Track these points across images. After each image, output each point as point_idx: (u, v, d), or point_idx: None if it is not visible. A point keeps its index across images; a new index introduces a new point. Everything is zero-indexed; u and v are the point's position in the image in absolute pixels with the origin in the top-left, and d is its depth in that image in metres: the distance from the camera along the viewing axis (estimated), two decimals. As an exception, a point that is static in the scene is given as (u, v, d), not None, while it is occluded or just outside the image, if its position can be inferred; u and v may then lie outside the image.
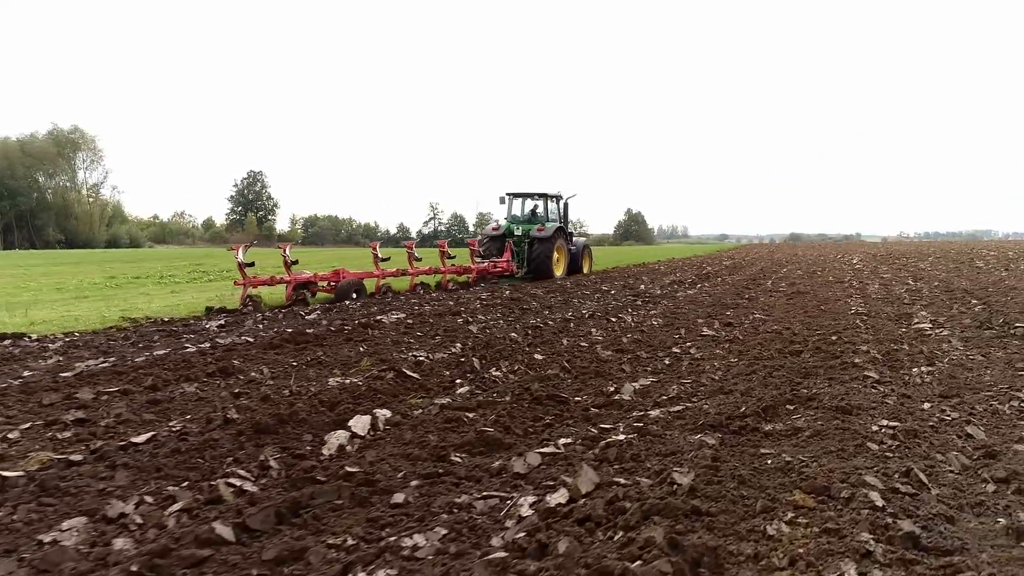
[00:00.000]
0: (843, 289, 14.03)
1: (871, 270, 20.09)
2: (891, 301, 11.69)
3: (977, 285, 14.17)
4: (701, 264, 27.62)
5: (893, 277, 17.06)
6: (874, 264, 23.34)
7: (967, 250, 35.58)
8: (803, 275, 18.88)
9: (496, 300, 12.96)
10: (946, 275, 17.36)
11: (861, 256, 31.43)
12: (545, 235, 18.81)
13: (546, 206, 20.49)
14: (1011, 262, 21.34)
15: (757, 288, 15.17)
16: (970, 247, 43.30)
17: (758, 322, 9.64)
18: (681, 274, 20.67)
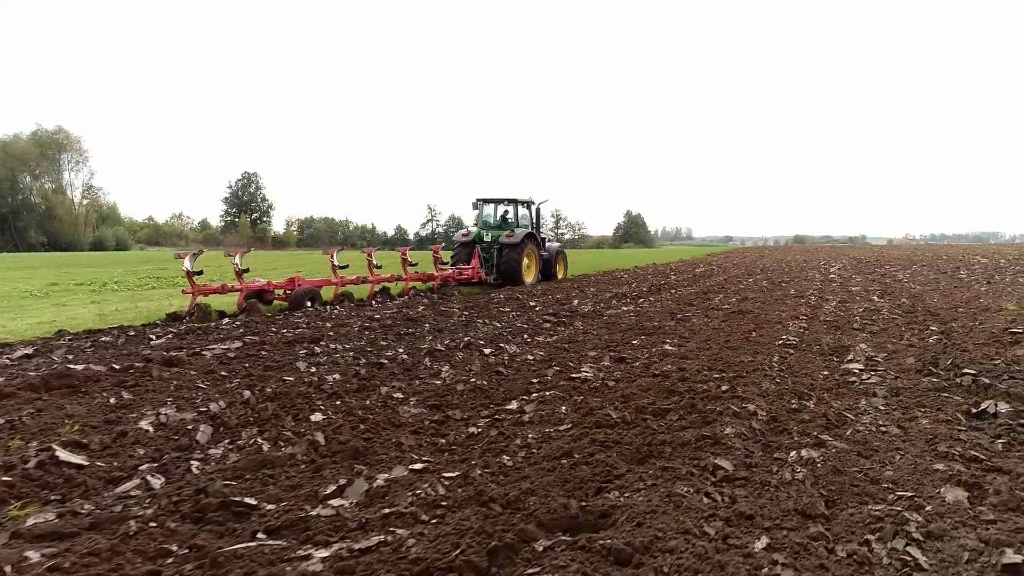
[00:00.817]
0: (794, 308, 12.16)
1: (843, 281, 18.20)
2: (838, 326, 9.83)
3: (948, 303, 12.30)
4: (672, 272, 25.74)
5: (861, 291, 15.18)
6: (851, 274, 21.40)
7: (960, 255, 33.55)
8: (766, 287, 17.01)
9: (392, 319, 11.17)
10: (921, 288, 15.47)
11: (845, 263, 29.51)
12: (513, 241, 18.40)
13: (516, 212, 20.01)
14: (998, 271, 19.39)
15: (702, 304, 13.32)
16: (965, 252, 41.23)
17: (660, 355, 7.82)
18: (638, 284, 18.83)
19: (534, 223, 20.32)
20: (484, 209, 20.34)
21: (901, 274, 20.52)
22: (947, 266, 23.40)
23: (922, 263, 27.03)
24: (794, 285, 17.31)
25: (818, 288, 16.10)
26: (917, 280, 17.82)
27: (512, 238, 18.53)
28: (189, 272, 11.98)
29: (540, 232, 20.79)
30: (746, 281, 19.21)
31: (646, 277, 22.04)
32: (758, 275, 22.00)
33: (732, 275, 22.33)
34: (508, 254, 18.50)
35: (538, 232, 20.47)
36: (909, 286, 16.11)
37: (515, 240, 18.50)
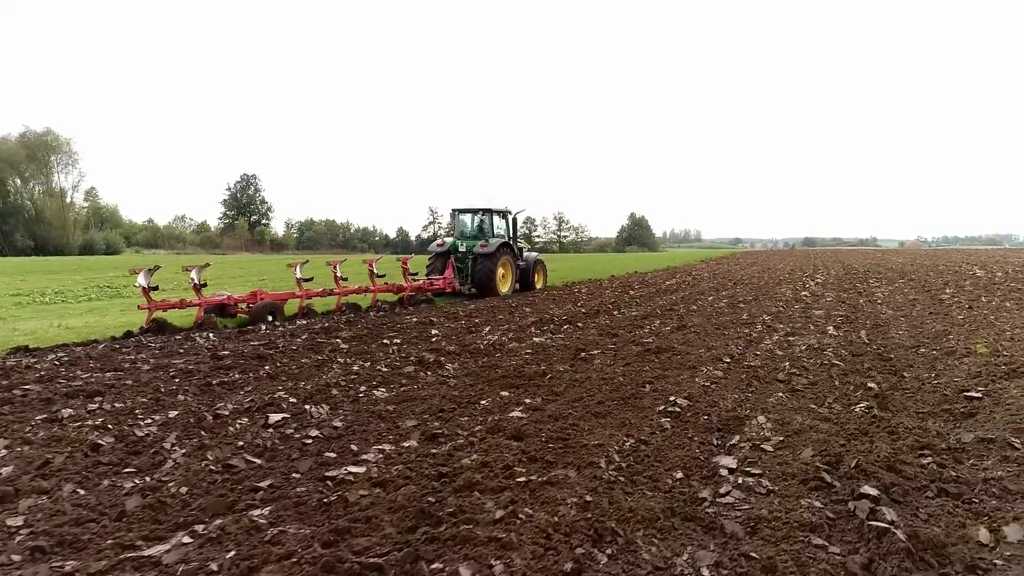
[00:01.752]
0: (727, 343, 10.11)
1: (810, 302, 16.08)
2: (758, 377, 7.81)
3: (912, 338, 10.23)
4: (638, 284, 23.65)
5: (822, 316, 13.07)
6: (827, 290, 19.23)
7: (959, 265, 31.16)
8: (721, 308, 14.94)
9: (244, 353, 9.26)
10: (891, 314, 13.34)
11: (832, 274, 27.28)
12: (487, 251, 18.20)
13: (491, 221, 19.70)
14: (988, 289, 17.17)
15: (628, 335, 11.30)
16: (966, 260, 38.75)
17: (493, 428, 5.83)
18: (589, 301, 16.82)
19: (511, 233, 19.99)
20: (460, 219, 20.08)
21: (882, 291, 18.34)
22: (936, 281, 21.13)
23: (913, 275, 24.76)
24: (754, 306, 15.22)
25: (777, 312, 14.01)
26: (893, 301, 15.67)
27: (486, 248, 18.23)
28: (145, 288, 11.73)
29: (517, 242, 20.42)
30: (706, 299, 17.13)
31: (604, 292, 19.99)
32: (726, 290, 19.88)
33: (697, 290, 20.22)
34: (482, 264, 18.21)
35: (515, 242, 20.06)
36: (880, 310, 13.98)
37: (489, 250, 18.20)
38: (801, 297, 16.98)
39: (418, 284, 16.92)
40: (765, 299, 16.76)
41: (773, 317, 13.16)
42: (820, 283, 22.08)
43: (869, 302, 15.59)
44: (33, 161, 63.98)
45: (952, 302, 14.56)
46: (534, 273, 20.74)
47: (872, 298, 16.47)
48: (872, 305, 14.91)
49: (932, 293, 16.89)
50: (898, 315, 13.12)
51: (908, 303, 15.07)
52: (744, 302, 16.21)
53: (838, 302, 15.30)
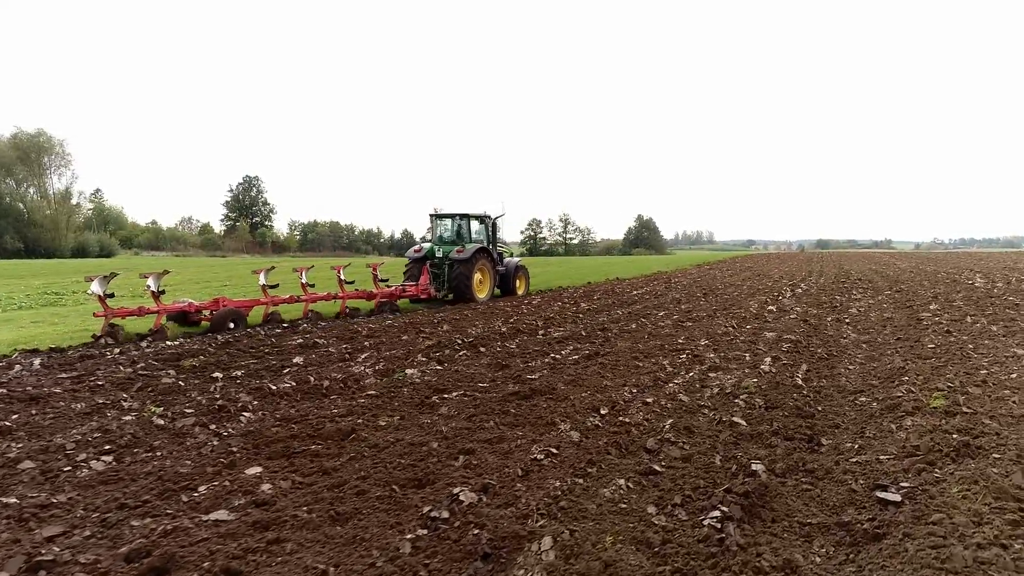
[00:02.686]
0: (628, 380, 8.03)
1: (775, 316, 13.87)
2: (624, 442, 5.72)
3: (856, 379, 8.08)
4: (613, 291, 21.49)
5: (773, 340, 10.89)
6: (798, 303, 16.96)
7: (959, 272, 28.59)
8: (667, 326, 12.83)
9: None
10: (854, 338, 11.16)
11: (816, 284, 24.94)
12: (463, 257, 17.85)
13: (469, 227, 19.34)
14: (980, 304, 14.83)
15: (534, 360, 9.25)
16: (971, 266, 36.08)
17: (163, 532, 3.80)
18: (542, 313, 14.77)
19: (490, 238, 19.66)
20: (438, 224, 19.57)
21: (859, 306, 16.05)
22: (926, 293, 18.74)
23: (906, 284, 22.34)
24: (703, 325, 13.08)
25: (723, 333, 11.87)
26: (864, 320, 13.41)
27: (462, 254, 17.87)
28: (101, 295, 11.49)
29: (497, 247, 20.04)
30: (656, 315, 14.99)
31: (555, 303, 17.88)
32: (689, 303, 17.67)
33: (657, 303, 18.04)
34: (458, 270, 17.81)
35: (494, 247, 19.70)
36: (842, 332, 11.78)
37: (465, 256, 17.84)
38: (764, 313, 14.77)
39: (389, 291, 16.40)
40: (723, 315, 14.58)
41: (713, 341, 11.01)
42: (799, 294, 19.79)
43: (837, 321, 13.36)
44: (24, 163, 62.87)
45: (931, 323, 12.29)
46: (515, 279, 20.32)
47: (843, 315, 14.23)
48: (838, 326, 12.69)
49: (914, 309, 14.59)
50: (860, 340, 10.91)
51: (880, 323, 12.81)
52: (696, 319, 14.06)
53: (801, 320, 13.08)
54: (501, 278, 19.81)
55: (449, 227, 19.54)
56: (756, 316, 14.20)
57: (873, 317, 13.73)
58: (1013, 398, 6.54)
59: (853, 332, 11.83)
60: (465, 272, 17.87)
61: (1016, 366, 8.19)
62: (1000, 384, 7.28)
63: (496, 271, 19.42)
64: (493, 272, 19.19)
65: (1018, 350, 9.16)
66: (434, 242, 19.26)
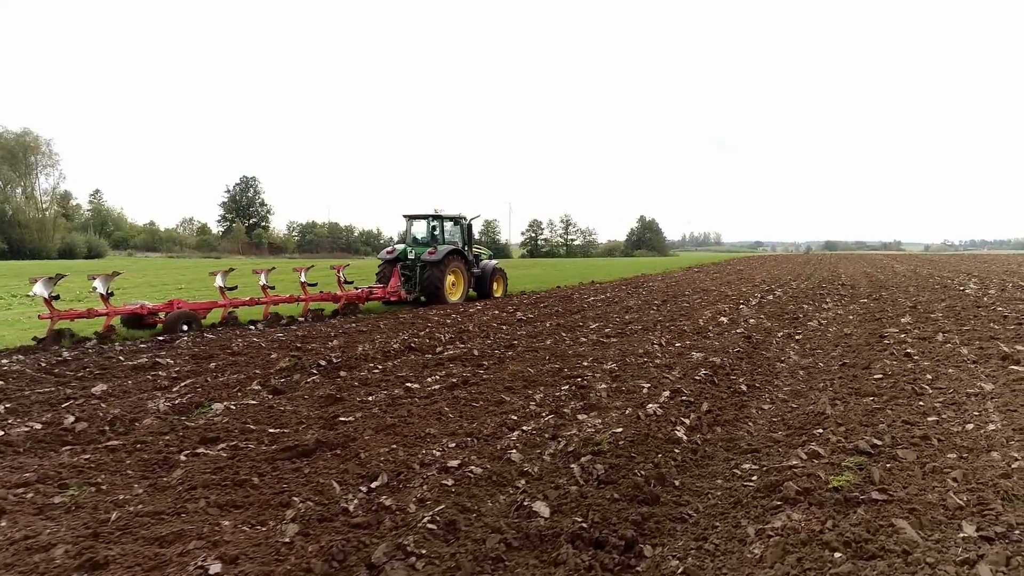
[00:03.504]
0: (468, 434, 6.03)
1: (719, 331, 11.82)
2: (330, 557, 3.73)
3: (755, 430, 6.08)
4: (569, 297, 19.47)
5: (694, 365, 8.84)
6: (758, 313, 14.86)
7: (954, 276, 26.29)
8: (584, 343, 10.84)
9: None
10: (793, 362, 9.12)
11: (787, 291, 22.79)
12: (435, 259, 17.45)
13: (442, 228, 18.97)
14: (960, 317, 12.68)
15: (353, 399, 7.27)
16: (969, 269, 33.73)
17: None
18: (477, 320, 12.81)
19: (465, 240, 19.23)
20: (411, 225, 19.18)
21: (823, 317, 13.93)
22: (907, 301, 16.55)
23: (891, 289, 20.15)
24: (630, 342, 11.08)
25: (638, 355, 9.84)
26: (819, 337, 11.32)
27: (434, 255, 17.47)
28: (47, 297, 11.21)
29: (472, 249, 19.59)
30: (590, 326, 12.99)
31: (506, 309, 15.89)
32: (641, 311, 15.61)
33: (609, 311, 15.98)
34: (430, 272, 17.40)
35: (469, 249, 19.26)
36: (782, 355, 9.71)
37: (436, 257, 17.44)
38: (710, 326, 12.70)
39: (355, 293, 16.04)
40: (661, 329, 12.54)
41: (620, 366, 9.00)
42: (768, 301, 17.67)
43: (787, 337, 11.29)
44: (9, 162, 61.47)
45: (894, 342, 10.19)
46: (492, 281, 19.90)
47: (798, 330, 12.15)
48: (784, 344, 10.63)
49: (882, 323, 12.48)
50: (799, 366, 8.86)
51: (834, 341, 10.72)
52: (627, 334, 12.05)
53: (744, 338, 10.99)
54: (477, 280, 19.44)
55: (423, 228, 19.08)
56: (698, 330, 12.15)
57: (831, 333, 11.64)
58: (954, 473, 4.50)
59: (796, 354, 9.77)
60: (437, 274, 17.41)
61: (976, 409, 6.14)
62: (945, 443, 5.25)
63: (471, 273, 19.00)
64: (467, 274, 18.74)
65: (986, 384, 7.09)
66: (408, 243, 18.82)
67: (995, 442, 5.19)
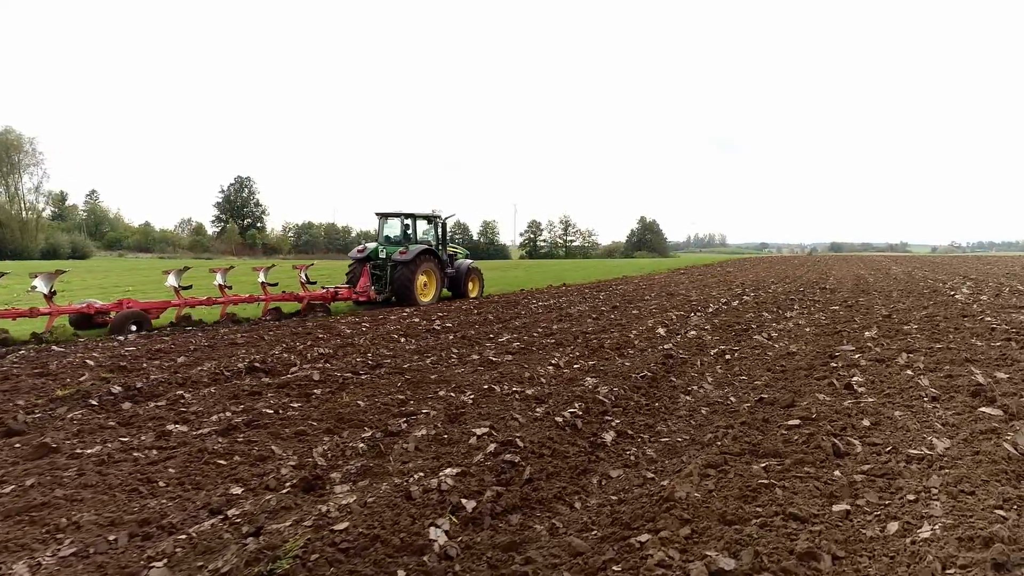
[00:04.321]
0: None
1: (635, 352, 9.67)
2: None
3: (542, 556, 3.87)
4: (515, 303, 17.36)
5: (576, 394, 6.69)
6: (708, 323, 12.67)
7: (947, 279, 23.93)
8: (454, 372, 8.70)
9: None
10: (704, 392, 6.97)
11: (758, 296, 20.57)
12: (406, 258, 16.85)
13: (414, 227, 18.35)
14: (938, 330, 10.44)
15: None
16: (967, 272, 31.31)
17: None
18: (381, 329, 10.77)
19: (439, 239, 18.63)
20: (384, 224, 18.45)
21: (774, 330, 11.73)
22: (883, 308, 14.28)
23: (873, 293, 17.88)
24: (519, 363, 8.99)
25: (525, 382, 7.71)
26: (750, 360, 9.12)
27: (405, 255, 16.87)
28: None
29: (446, 248, 18.97)
30: (501, 339, 10.89)
31: (433, 316, 13.80)
32: (582, 319, 13.44)
33: (547, 318, 13.84)
34: (400, 271, 16.79)
35: (443, 248, 18.67)
36: (690, 386, 7.54)
37: (408, 257, 16.82)
38: (636, 341, 10.55)
39: (319, 293, 15.47)
40: (576, 344, 10.41)
41: (478, 398, 6.88)
42: (726, 309, 15.46)
43: (717, 357, 9.11)
44: (-11, 160, 59.86)
45: (842, 364, 7.99)
46: (467, 281, 19.29)
47: (736, 347, 9.97)
48: (706, 369, 8.45)
49: (841, 337, 10.27)
50: (702, 403, 6.69)
51: (770, 363, 8.53)
52: (533, 351, 9.96)
53: (665, 357, 8.81)
54: (451, 280, 18.93)
55: (395, 227, 18.34)
56: (620, 346, 10.00)
57: (773, 351, 9.43)
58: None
59: (713, 381, 7.60)
60: (407, 274, 16.77)
61: (914, 489, 3.99)
62: (841, 567, 3.10)
63: (444, 273, 18.35)
64: (440, 274, 18.05)
65: (939, 439, 4.91)
66: (380, 242, 18.21)
67: (925, 569, 3.03)
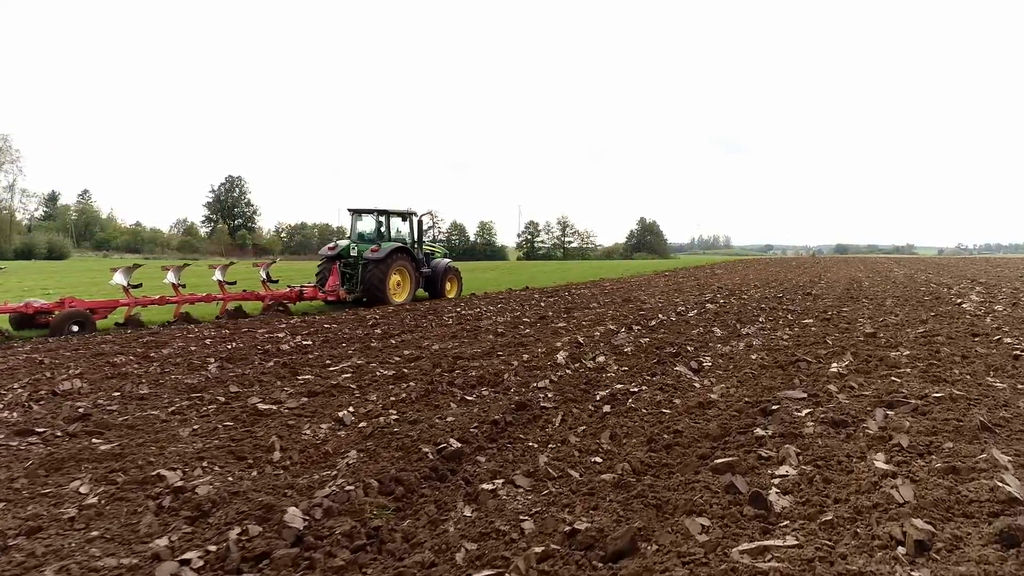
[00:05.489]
0: None
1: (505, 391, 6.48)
2: None
3: None
4: (431, 312, 14.25)
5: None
6: (631, 344, 9.46)
7: (955, 284, 20.58)
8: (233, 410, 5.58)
9: None
10: (627, 450, 3.75)
11: (740, 298, 17.32)
12: (377, 256, 16.05)
13: (388, 224, 17.58)
14: (935, 359, 7.20)
15: None
16: (976, 275, 27.85)
17: None
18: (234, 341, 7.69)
19: (414, 237, 17.94)
20: (357, 221, 17.72)
21: (725, 350, 8.51)
22: (869, 324, 11.03)
23: (866, 301, 14.64)
24: (329, 405, 5.79)
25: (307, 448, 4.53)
26: (653, 414, 5.90)
27: (377, 253, 16.17)
28: None
29: (423, 247, 18.19)
30: (349, 356, 7.73)
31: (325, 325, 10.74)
32: (479, 337, 10.31)
33: (415, 339, 10.70)
34: (372, 270, 16.09)
35: (419, 247, 17.95)
36: (500, 473, 4.36)
37: (379, 255, 16.14)
38: (508, 374, 7.38)
39: (282, 292, 14.93)
40: (415, 379, 7.25)
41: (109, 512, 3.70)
42: (672, 322, 12.26)
43: (591, 412, 5.93)
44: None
45: (778, 427, 4.78)
46: (444, 281, 18.50)
47: (649, 381, 6.77)
48: (552, 439, 5.28)
49: (800, 369, 7.04)
50: (479, 527, 3.51)
51: (674, 418, 5.32)
52: (362, 385, 6.79)
53: (501, 420, 5.64)
54: (427, 280, 18.13)
55: (369, 224, 17.59)
56: (478, 382, 6.84)
57: (683, 399, 6.21)
58: None
59: (540, 471, 4.41)
60: (378, 273, 15.99)
61: None
62: None
63: (419, 272, 17.58)
64: (415, 274, 17.29)
65: None
66: (352, 240, 17.41)
67: None
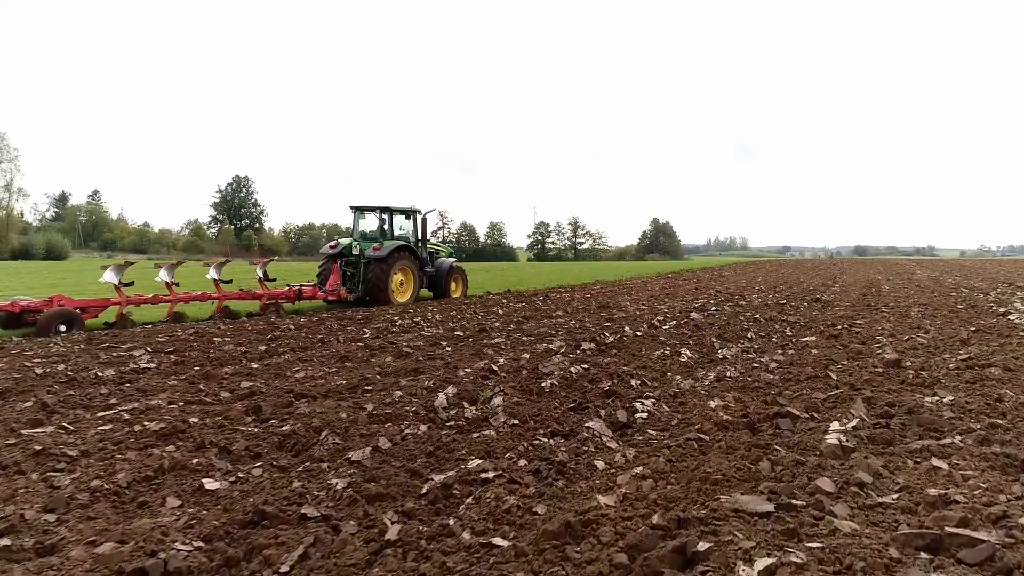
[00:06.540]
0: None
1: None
2: None
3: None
4: (380, 315, 12.15)
5: None
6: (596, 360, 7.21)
7: (992, 287, 18.09)
8: None
9: None
10: None
11: (721, 310, 14.98)
12: (379, 255, 15.47)
13: (391, 222, 16.87)
14: (1006, 398, 4.92)
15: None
16: (1005, 279, 25.19)
17: None
18: None
19: (418, 235, 17.42)
20: (360, 219, 17.22)
21: (684, 387, 6.25)
22: (890, 343, 8.71)
23: (872, 311, 12.31)
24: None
25: None
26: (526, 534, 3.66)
27: (379, 251, 15.52)
28: None
29: (426, 245, 17.69)
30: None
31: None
32: (431, 347, 8.17)
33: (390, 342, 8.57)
34: (373, 269, 15.43)
35: (423, 245, 17.45)
36: None
37: (381, 254, 15.47)
38: (386, 408, 5.18)
39: (280, 292, 14.52)
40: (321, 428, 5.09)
41: None
42: (624, 342, 10.02)
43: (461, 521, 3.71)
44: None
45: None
46: (448, 280, 17.93)
47: (560, 454, 4.55)
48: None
49: (778, 442, 4.74)
50: None
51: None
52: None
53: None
54: (431, 279, 17.57)
55: (371, 222, 17.26)
56: (305, 439, 4.64)
57: (542, 511, 3.99)
58: None
59: None
60: (380, 273, 15.47)
61: None
62: None
63: (423, 272, 17.08)
64: (418, 273, 16.79)
65: None
66: (355, 238, 16.85)
67: None
